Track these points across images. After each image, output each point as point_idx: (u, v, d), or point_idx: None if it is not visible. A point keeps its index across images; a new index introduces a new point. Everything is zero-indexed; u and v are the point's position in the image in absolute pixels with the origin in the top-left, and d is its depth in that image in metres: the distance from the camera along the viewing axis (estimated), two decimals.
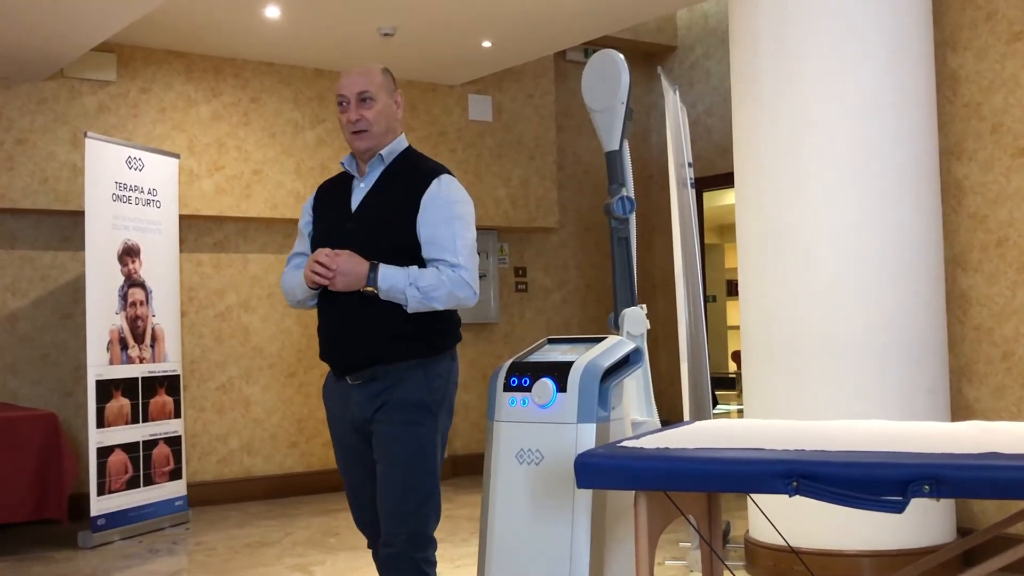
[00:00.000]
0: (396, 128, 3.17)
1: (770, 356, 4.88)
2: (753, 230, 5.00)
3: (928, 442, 2.47)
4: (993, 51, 5.03)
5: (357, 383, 3.08)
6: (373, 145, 3.12)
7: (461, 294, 3.01)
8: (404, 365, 3.04)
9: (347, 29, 6.71)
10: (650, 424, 3.49)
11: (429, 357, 3.08)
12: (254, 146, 7.44)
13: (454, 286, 2.99)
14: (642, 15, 6.93)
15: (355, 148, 3.13)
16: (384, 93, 3.13)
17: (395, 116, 3.16)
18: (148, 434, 6.41)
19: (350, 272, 2.97)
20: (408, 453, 3.03)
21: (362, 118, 3.09)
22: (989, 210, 5.04)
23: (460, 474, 8.15)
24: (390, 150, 3.15)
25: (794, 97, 4.79)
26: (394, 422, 3.03)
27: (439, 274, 2.98)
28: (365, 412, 3.07)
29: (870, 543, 4.59)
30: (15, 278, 6.79)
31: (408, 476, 3.01)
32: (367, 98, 3.09)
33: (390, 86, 3.16)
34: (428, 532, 3.05)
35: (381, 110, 3.10)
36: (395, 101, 3.17)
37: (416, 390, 3.05)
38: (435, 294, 2.97)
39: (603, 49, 3.78)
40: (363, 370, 3.06)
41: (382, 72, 3.17)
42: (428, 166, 3.16)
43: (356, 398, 3.09)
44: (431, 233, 3.02)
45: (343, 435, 3.18)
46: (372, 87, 3.10)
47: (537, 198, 8.63)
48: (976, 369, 5.08)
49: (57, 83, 6.76)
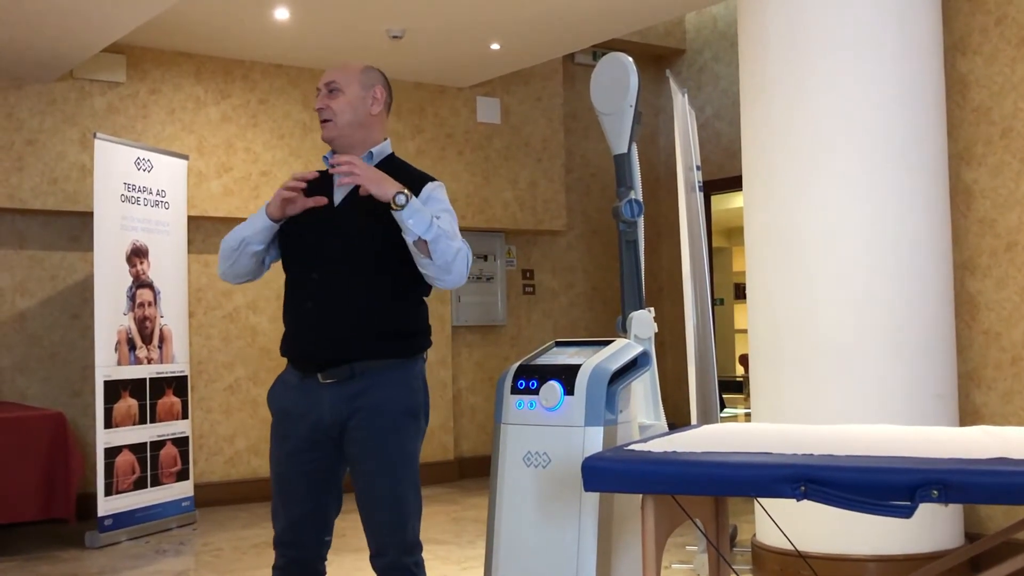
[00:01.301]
0: (370, 124, 3.07)
1: (778, 360, 4.87)
2: (761, 233, 4.99)
3: (936, 447, 2.46)
4: (1003, 55, 5.02)
5: (330, 381, 2.93)
6: (337, 135, 3.04)
7: (462, 264, 2.89)
8: (383, 364, 2.93)
9: (356, 31, 6.72)
10: (657, 427, 3.49)
11: (408, 357, 2.99)
12: (262, 147, 7.45)
13: (465, 249, 2.91)
14: (651, 18, 6.92)
15: (322, 137, 3.09)
16: (357, 86, 3.04)
17: (367, 111, 3.05)
18: (156, 435, 6.42)
19: (381, 177, 2.83)
20: (396, 463, 2.93)
21: (327, 107, 3.03)
22: (998, 215, 5.03)
23: (467, 476, 8.16)
24: (379, 150, 3.09)
25: (803, 101, 4.78)
26: (377, 429, 2.91)
27: (457, 232, 2.90)
28: (338, 414, 2.92)
29: (877, 548, 4.58)
30: (24, 278, 6.81)
31: (398, 487, 2.94)
32: (334, 88, 3.03)
33: (367, 81, 3.06)
34: (417, 537, 3.00)
35: (349, 101, 3.03)
36: (372, 96, 3.06)
37: (398, 394, 2.94)
38: (451, 242, 2.85)
39: (612, 52, 3.78)
40: (339, 367, 2.92)
41: (363, 68, 3.09)
42: (418, 172, 3.12)
43: (327, 398, 2.93)
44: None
45: (296, 440, 2.98)
46: (342, 79, 3.04)
47: (545, 201, 8.63)
48: (984, 374, 5.06)
49: (67, 84, 6.78)
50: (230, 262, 3.08)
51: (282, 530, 3.03)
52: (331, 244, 2.97)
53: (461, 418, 8.35)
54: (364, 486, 2.96)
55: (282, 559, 3.04)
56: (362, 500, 2.98)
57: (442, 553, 5.57)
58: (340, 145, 3.07)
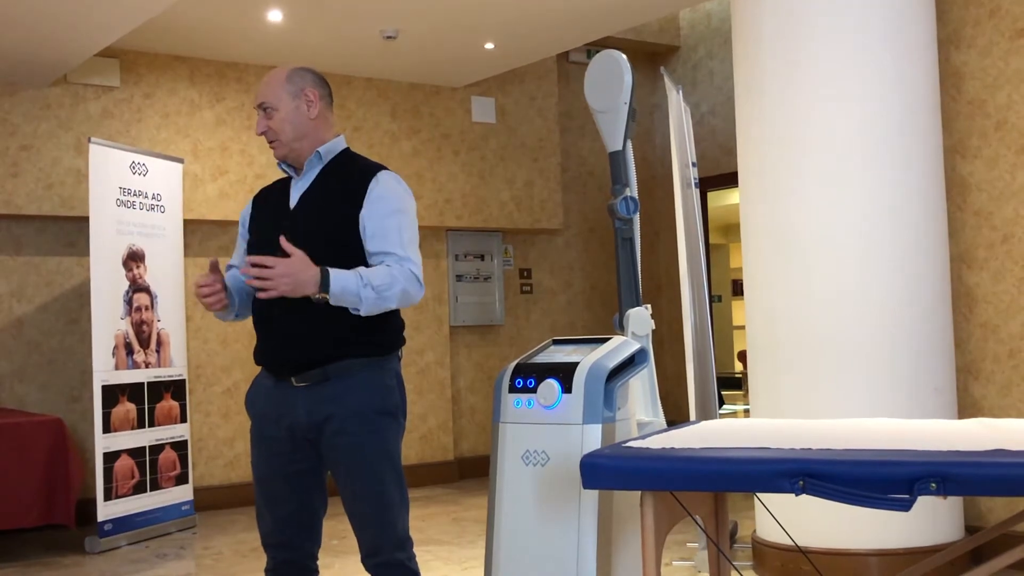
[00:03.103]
0: (313, 129, 3.04)
1: (776, 355, 4.87)
2: (758, 229, 4.99)
3: (934, 440, 2.46)
4: (997, 48, 5.02)
5: (304, 384, 2.94)
6: (287, 152, 3.04)
7: (412, 290, 2.91)
8: (356, 364, 2.93)
9: (349, 32, 6.71)
10: (656, 424, 3.49)
11: (381, 356, 2.99)
12: (257, 150, 7.45)
13: (407, 282, 2.90)
14: (645, 15, 6.93)
15: (275, 156, 3.09)
16: (287, 97, 3.01)
17: (305, 117, 3.02)
18: (154, 439, 6.42)
19: (298, 275, 2.79)
20: (377, 463, 2.94)
21: (268, 129, 3.03)
22: (994, 207, 5.03)
23: (467, 476, 8.16)
24: (328, 149, 3.07)
25: (797, 96, 4.78)
26: (356, 431, 2.92)
27: (389, 270, 2.88)
28: (314, 416, 2.93)
29: (877, 542, 4.58)
30: (21, 284, 6.80)
31: (381, 486, 2.95)
32: (267, 108, 3.02)
33: (295, 89, 3.02)
34: (407, 532, 3.02)
35: (284, 117, 3.01)
36: (306, 102, 3.02)
37: (373, 395, 2.94)
38: (389, 292, 2.86)
39: (606, 50, 3.78)
40: (312, 370, 2.93)
41: (287, 76, 3.05)
42: (369, 163, 3.10)
43: (302, 401, 2.94)
44: (376, 226, 2.94)
45: (275, 442, 3.01)
46: (270, 97, 3.02)
47: (541, 200, 8.63)
48: (982, 367, 5.07)
49: (61, 89, 6.77)
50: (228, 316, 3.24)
51: (268, 532, 3.06)
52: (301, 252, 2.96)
53: (460, 418, 8.35)
54: (348, 489, 2.97)
55: (272, 560, 3.08)
56: (348, 502, 2.99)
57: (443, 553, 5.57)
58: (292, 159, 3.07)
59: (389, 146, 7.91)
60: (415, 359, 7.97)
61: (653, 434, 2.85)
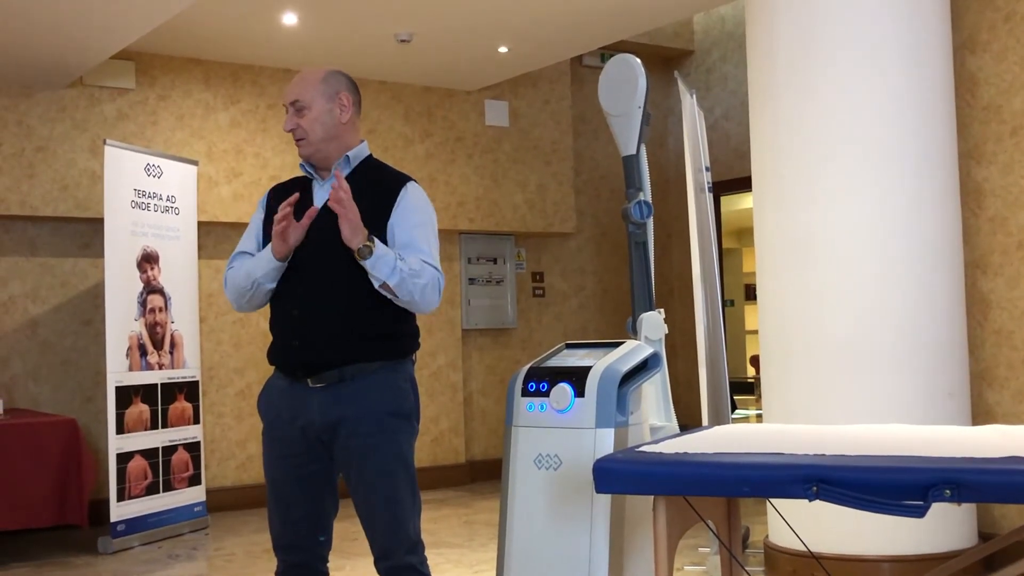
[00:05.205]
0: (342, 133, 3.05)
1: (789, 360, 4.86)
2: (771, 234, 4.98)
3: (949, 446, 2.45)
4: (1012, 53, 5.00)
5: (319, 386, 2.96)
6: (313, 152, 3.05)
7: (433, 292, 2.93)
8: (371, 367, 2.94)
9: (364, 35, 6.73)
10: (669, 429, 3.49)
11: (396, 359, 3.00)
12: (272, 152, 7.47)
13: (432, 282, 2.92)
14: (659, 19, 6.92)
15: (300, 155, 3.09)
16: (321, 99, 3.02)
17: (337, 121, 3.03)
18: (167, 440, 6.44)
19: (356, 226, 2.83)
20: (390, 465, 2.95)
21: (297, 127, 3.03)
22: (1009, 213, 5.01)
23: (478, 479, 8.15)
24: (355, 154, 3.09)
25: (811, 101, 4.77)
26: (369, 433, 2.93)
27: (424, 265, 2.91)
28: (328, 417, 2.94)
29: (890, 548, 4.56)
30: (35, 285, 6.83)
31: (394, 489, 2.95)
32: (300, 107, 3.02)
33: (330, 91, 3.04)
34: (419, 536, 3.02)
35: (316, 117, 3.01)
36: (339, 105, 3.04)
37: (388, 397, 2.96)
38: (418, 280, 2.87)
39: (620, 54, 3.78)
40: (328, 371, 2.94)
41: (323, 77, 3.05)
42: (396, 172, 3.13)
43: (316, 403, 2.95)
44: (407, 235, 2.96)
45: (287, 444, 3.02)
46: (305, 95, 3.02)
47: (554, 203, 8.63)
48: (997, 373, 5.05)
49: (77, 91, 6.80)
50: (246, 299, 3.09)
51: (279, 534, 3.07)
52: (312, 250, 2.98)
53: (472, 421, 8.35)
54: (361, 491, 2.97)
55: (283, 563, 3.08)
56: (360, 505, 2.99)
57: (454, 557, 5.57)
58: (318, 160, 3.08)
59: (403, 149, 7.92)
60: (427, 362, 7.98)
61: (666, 439, 2.85)
